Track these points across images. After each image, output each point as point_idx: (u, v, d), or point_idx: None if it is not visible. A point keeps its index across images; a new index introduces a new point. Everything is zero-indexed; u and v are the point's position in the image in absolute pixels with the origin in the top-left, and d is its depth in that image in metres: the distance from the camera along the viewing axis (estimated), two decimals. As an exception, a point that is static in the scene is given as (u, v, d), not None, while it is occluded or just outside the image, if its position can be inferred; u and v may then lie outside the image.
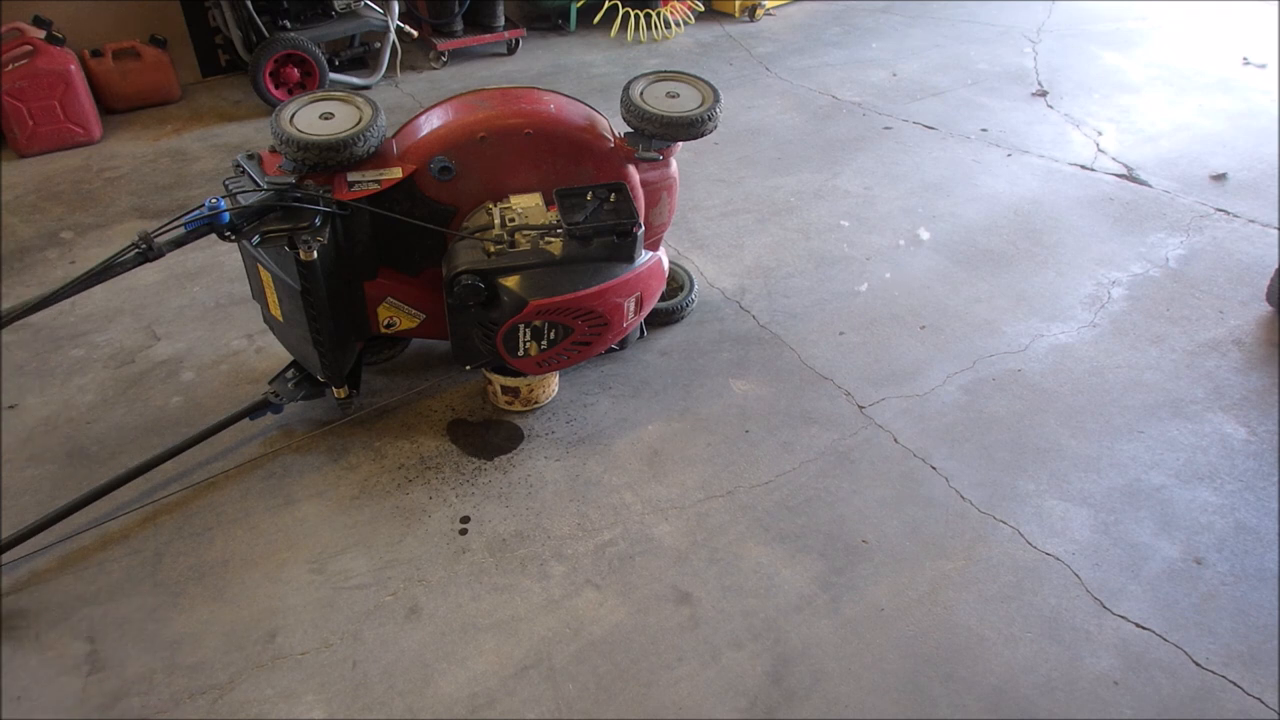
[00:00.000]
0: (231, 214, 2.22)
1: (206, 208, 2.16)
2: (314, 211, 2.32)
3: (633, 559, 2.33)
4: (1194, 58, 5.47)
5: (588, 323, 2.48)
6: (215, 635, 2.13)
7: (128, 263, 2.12)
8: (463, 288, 2.35)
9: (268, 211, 2.31)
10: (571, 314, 2.43)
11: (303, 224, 2.30)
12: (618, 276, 2.46)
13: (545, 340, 2.48)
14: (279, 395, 2.63)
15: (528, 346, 2.48)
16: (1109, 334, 3.14)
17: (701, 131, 2.63)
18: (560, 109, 2.61)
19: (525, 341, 2.47)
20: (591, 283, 2.41)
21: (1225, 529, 2.42)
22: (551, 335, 2.47)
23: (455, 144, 2.47)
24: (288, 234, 2.28)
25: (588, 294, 2.41)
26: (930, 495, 2.51)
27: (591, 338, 2.53)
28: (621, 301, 2.51)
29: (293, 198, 2.30)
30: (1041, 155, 4.33)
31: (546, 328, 2.44)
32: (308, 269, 2.28)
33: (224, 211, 2.19)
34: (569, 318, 2.43)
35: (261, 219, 2.30)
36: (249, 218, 2.28)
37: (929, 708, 1.99)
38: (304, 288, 2.32)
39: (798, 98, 4.97)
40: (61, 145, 4.32)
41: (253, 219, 2.29)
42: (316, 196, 2.33)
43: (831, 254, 3.57)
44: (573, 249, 2.40)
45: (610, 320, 2.51)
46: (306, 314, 2.37)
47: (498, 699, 2.00)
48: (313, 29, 4.75)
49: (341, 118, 2.45)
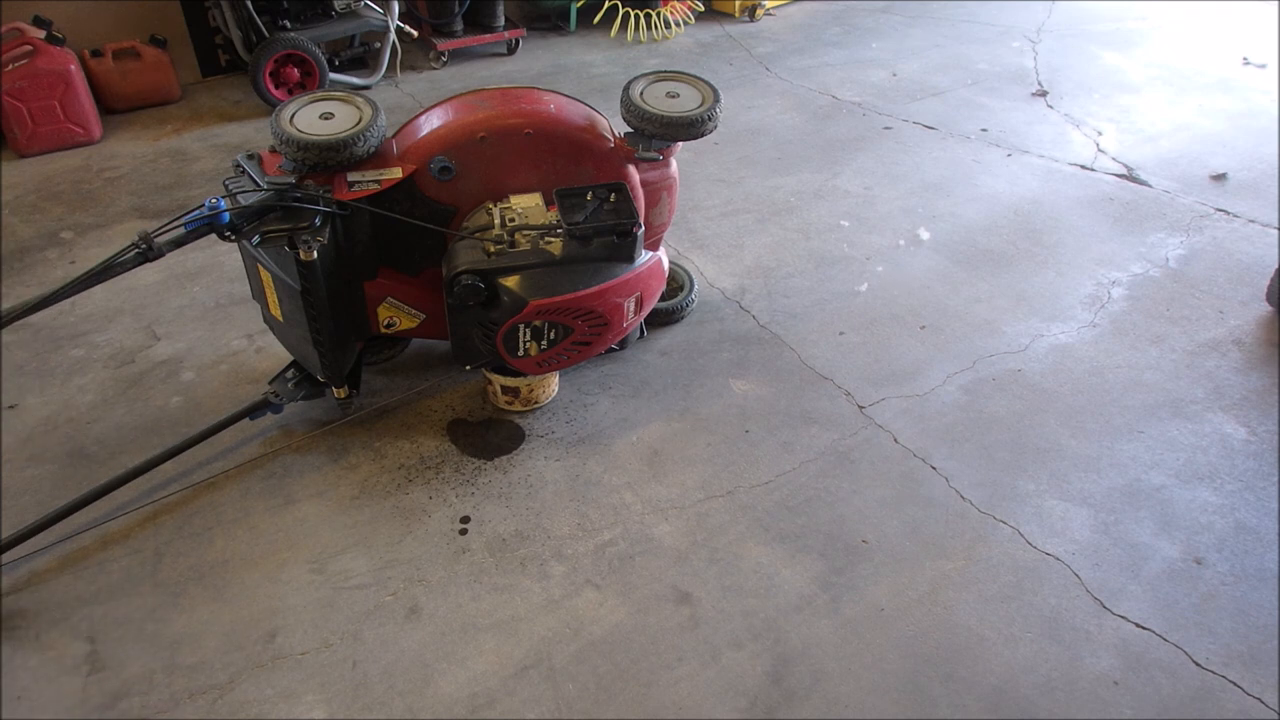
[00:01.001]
0: (231, 214, 2.22)
1: (206, 208, 2.16)
2: (314, 211, 2.32)
3: (633, 559, 2.33)
4: (1194, 58, 5.47)
5: (588, 323, 2.48)
6: (215, 635, 2.13)
7: (128, 263, 2.12)
8: (463, 288, 2.35)
9: (268, 211, 2.31)
10: (571, 314, 2.43)
11: (303, 224, 2.30)
12: (618, 276, 2.45)
13: (545, 340, 2.48)
14: (279, 395, 2.64)
15: (528, 346, 2.48)
16: (1109, 334, 3.14)
17: (701, 132, 2.62)
18: (560, 109, 2.61)
19: (525, 341, 2.47)
20: (591, 283, 2.41)
21: (1225, 529, 2.43)
22: (551, 335, 2.47)
23: (455, 144, 2.47)
24: (288, 234, 2.28)
25: (588, 294, 2.41)
26: (930, 495, 2.51)
27: (591, 338, 2.53)
28: (621, 301, 2.51)
29: (293, 198, 2.30)
30: (1041, 155, 4.33)
31: (546, 328, 2.44)
32: (308, 269, 2.28)
33: (224, 211, 2.19)
34: (569, 318, 2.43)
35: (261, 219, 2.30)
36: (249, 218, 2.28)
37: (929, 708, 1.99)
38: (304, 288, 2.32)
39: (798, 98, 4.97)
40: (61, 145, 4.32)
41: (253, 219, 2.29)
42: (316, 196, 2.33)
43: (831, 254, 3.58)
44: (573, 249, 2.39)
45: (610, 320, 2.51)
46: (306, 314, 2.37)
47: (498, 699, 2.00)
48: (313, 29, 4.75)
49: (341, 118, 2.45)
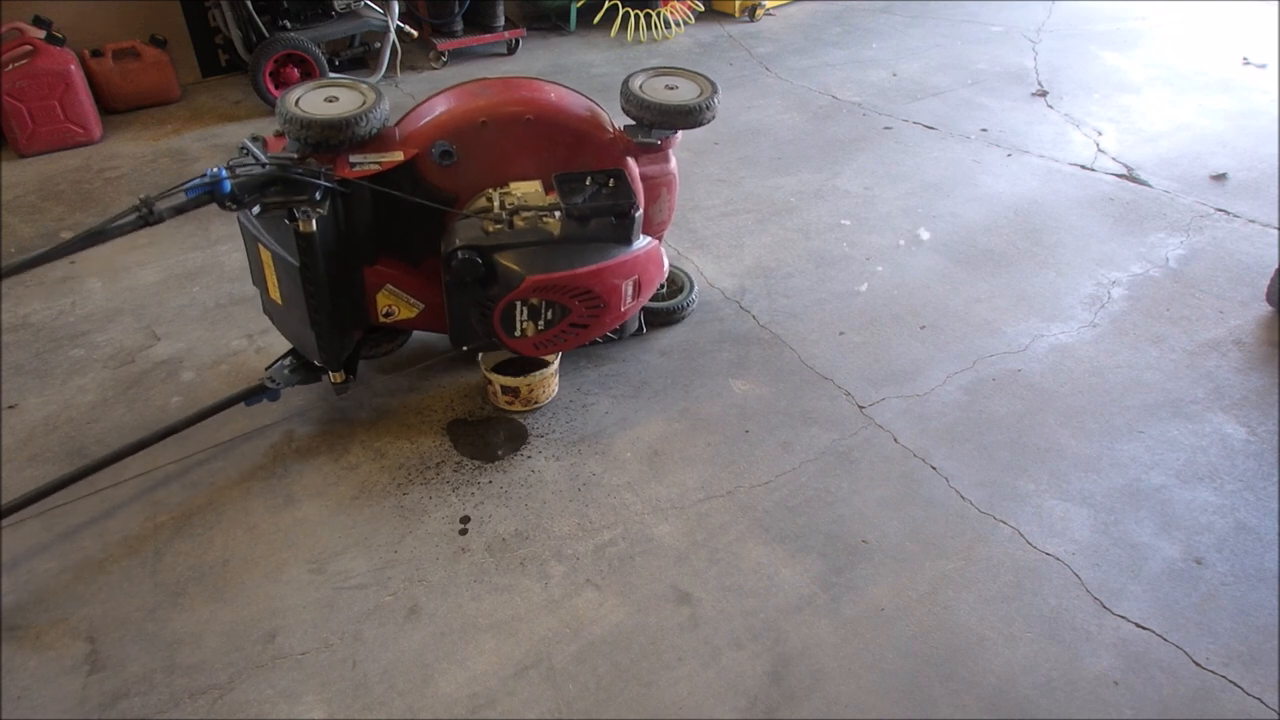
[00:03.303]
0: (233, 184, 2.22)
1: (208, 176, 2.16)
2: (314, 186, 2.32)
3: (633, 559, 2.32)
4: (1194, 58, 5.47)
5: (585, 303, 2.48)
6: (215, 635, 2.12)
7: (127, 225, 2.10)
8: (460, 262, 2.35)
9: (269, 185, 2.31)
10: (569, 293, 2.43)
11: (302, 197, 2.30)
12: (615, 257, 2.46)
13: (542, 320, 2.48)
14: (275, 381, 2.63)
15: (524, 326, 2.48)
16: (1109, 334, 3.14)
17: (700, 120, 2.65)
18: (561, 98, 2.63)
19: (522, 321, 2.47)
20: (589, 262, 2.42)
21: (1225, 529, 2.42)
22: (549, 315, 2.47)
23: (457, 129, 2.49)
24: (286, 205, 2.29)
25: (585, 272, 2.41)
26: (930, 495, 2.51)
27: (589, 319, 2.53)
28: (619, 283, 2.51)
29: (294, 172, 2.31)
30: (1041, 155, 4.33)
31: (544, 307, 2.44)
32: (306, 241, 2.29)
33: (224, 180, 2.18)
34: (566, 296, 2.44)
35: (263, 192, 2.30)
36: (250, 190, 2.27)
37: (929, 708, 1.99)
38: (302, 262, 2.32)
39: (798, 97, 4.97)
40: (61, 145, 4.32)
41: (254, 192, 2.28)
42: (318, 172, 2.34)
43: (831, 254, 3.57)
44: (571, 228, 2.40)
45: (608, 302, 2.51)
46: (304, 291, 2.37)
47: (498, 699, 2.00)
48: (313, 29, 4.76)
49: (346, 101, 2.47)
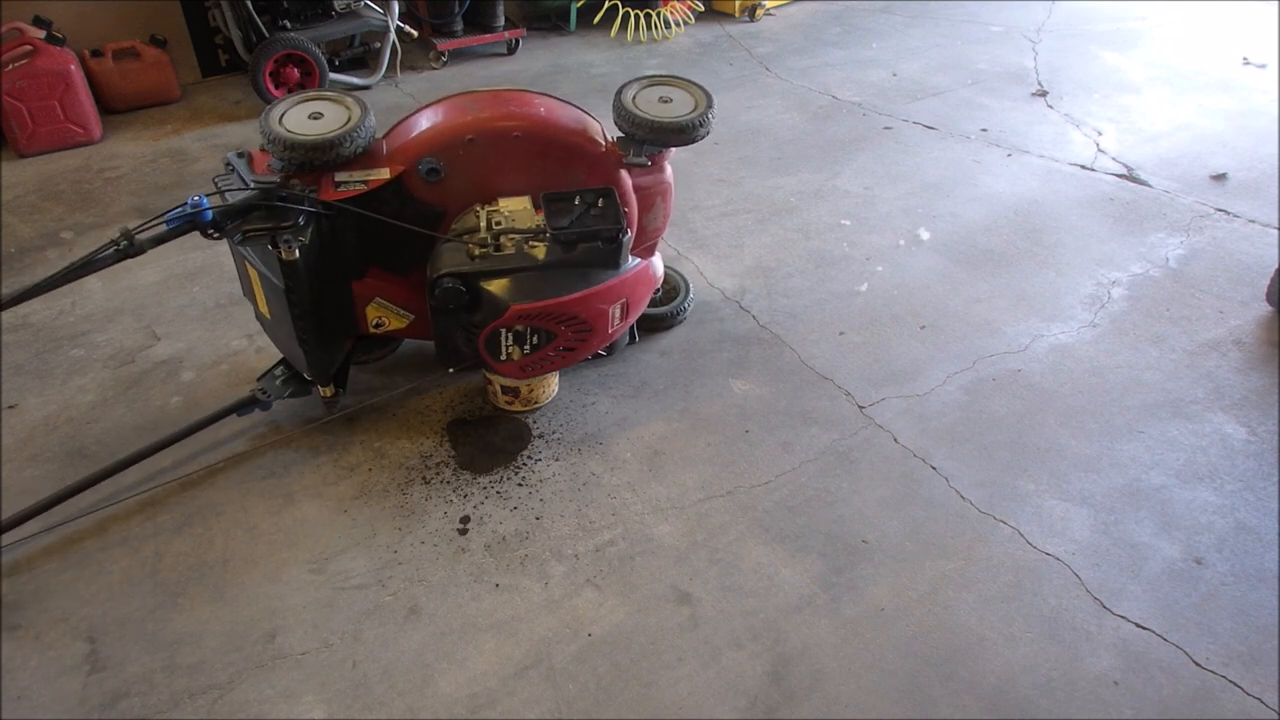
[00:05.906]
0: (215, 212, 2.22)
1: (189, 205, 2.16)
2: (298, 211, 2.31)
3: (633, 559, 2.32)
4: (1194, 58, 5.47)
5: (571, 328, 2.46)
6: (215, 635, 2.13)
7: (107, 259, 2.11)
8: (444, 290, 2.34)
9: (252, 210, 2.30)
10: (554, 319, 2.41)
11: (285, 223, 2.29)
12: (602, 282, 2.44)
13: (528, 345, 2.46)
14: (266, 393, 2.63)
15: (510, 351, 2.46)
16: (1109, 334, 3.14)
17: (693, 138, 2.60)
18: (550, 111, 2.58)
19: (508, 346, 2.45)
20: (575, 288, 2.40)
21: (1225, 529, 2.42)
22: (534, 340, 2.45)
23: (444, 145, 2.46)
24: (270, 233, 2.28)
25: (571, 300, 2.39)
26: (930, 495, 2.51)
27: (576, 343, 2.52)
28: (606, 308, 2.49)
29: (277, 197, 2.30)
30: (1041, 155, 4.33)
31: (529, 333, 2.43)
32: (290, 268, 2.28)
33: (206, 210, 2.19)
34: (551, 323, 2.42)
35: (245, 217, 2.30)
36: (232, 216, 2.27)
37: (929, 708, 1.99)
38: (287, 286, 2.31)
39: (798, 98, 4.97)
40: (61, 145, 4.32)
41: (236, 217, 2.29)
42: (301, 196, 2.32)
43: (831, 254, 3.57)
44: (557, 254, 2.38)
45: (594, 326, 2.50)
46: (290, 313, 2.37)
47: (498, 699, 2.00)
48: (313, 29, 4.75)
49: (330, 118, 2.43)
